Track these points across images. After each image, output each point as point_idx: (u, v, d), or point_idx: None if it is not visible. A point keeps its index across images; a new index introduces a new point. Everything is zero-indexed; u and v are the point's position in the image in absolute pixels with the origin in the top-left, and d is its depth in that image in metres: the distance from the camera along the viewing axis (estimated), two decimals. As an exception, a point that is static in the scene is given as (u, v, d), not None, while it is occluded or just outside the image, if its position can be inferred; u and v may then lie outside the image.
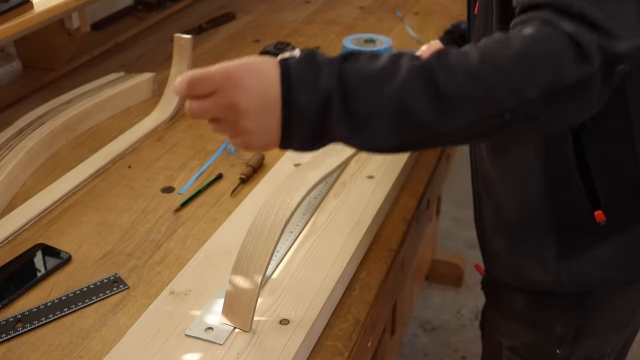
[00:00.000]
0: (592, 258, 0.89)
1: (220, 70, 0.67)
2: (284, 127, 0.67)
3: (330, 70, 0.66)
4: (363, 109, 0.66)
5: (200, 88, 0.67)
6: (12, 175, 1.14)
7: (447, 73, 0.66)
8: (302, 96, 0.66)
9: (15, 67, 1.51)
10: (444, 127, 0.67)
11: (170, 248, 1.02)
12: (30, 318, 0.89)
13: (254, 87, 0.67)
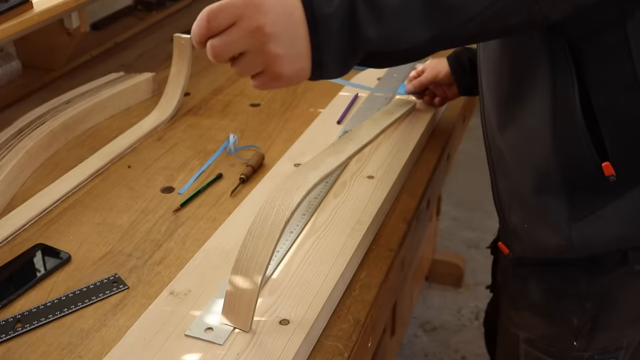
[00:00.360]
0: (602, 217, 0.88)
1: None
2: (312, 44, 0.65)
3: None
4: (390, 3, 0.64)
5: (220, 19, 0.65)
6: (11, 175, 1.14)
7: None
8: (324, 7, 0.64)
9: (14, 67, 1.51)
10: (472, 4, 0.66)
11: (170, 248, 1.02)
12: (30, 318, 0.89)
13: (276, 8, 0.64)
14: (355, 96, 1.40)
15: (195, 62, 1.58)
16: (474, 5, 0.67)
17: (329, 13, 0.63)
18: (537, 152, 0.91)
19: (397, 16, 0.65)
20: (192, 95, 1.48)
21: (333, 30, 0.64)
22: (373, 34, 0.65)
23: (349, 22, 0.64)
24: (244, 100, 1.46)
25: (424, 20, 0.66)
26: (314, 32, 0.64)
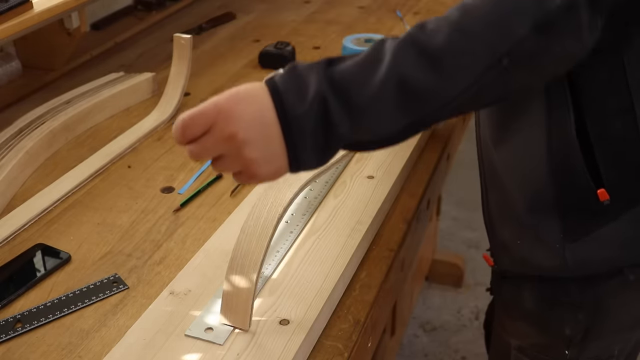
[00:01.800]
0: (597, 239, 0.88)
1: (210, 106, 0.67)
2: (287, 144, 0.66)
3: (317, 74, 0.66)
4: (361, 98, 0.65)
5: (194, 128, 0.67)
6: (11, 175, 1.14)
7: (432, 34, 0.65)
8: (296, 107, 0.65)
9: (14, 67, 1.50)
10: (447, 90, 0.66)
11: (170, 248, 1.02)
12: (30, 318, 0.89)
13: (247, 114, 0.66)
14: (355, 96, 1.40)
15: (195, 62, 1.58)
16: (449, 91, 0.66)
17: (301, 113, 0.64)
18: (531, 173, 0.90)
19: (370, 110, 0.65)
20: (192, 95, 1.48)
21: (307, 130, 0.65)
22: (346, 130, 0.66)
23: (321, 121, 0.65)
24: (244, 100, 1.46)
25: (398, 111, 0.66)
26: (287, 133, 0.65)
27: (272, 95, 0.65)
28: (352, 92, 0.65)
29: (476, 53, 0.65)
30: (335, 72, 0.66)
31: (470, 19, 0.66)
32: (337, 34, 1.80)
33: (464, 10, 0.67)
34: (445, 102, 0.67)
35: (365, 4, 2.01)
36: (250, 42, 1.76)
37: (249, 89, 0.67)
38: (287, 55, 1.60)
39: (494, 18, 0.65)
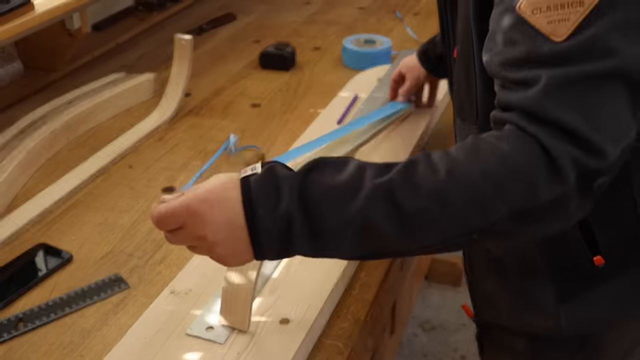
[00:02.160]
0: (593, 300, 0.84)
1: (182, 208, 0.68)
2: (254, 247, 0.68)
3: (290, 189, 0.66)
4: (326, 230, 0.66)
5: (166, 225, 0.69)
6: (13, 175, 1.15)
7: (411, 193, 0.64)
8: (265, 221, 0.66)
9: (16, 68, 1.51)
10: (408, 246, 0.68)
11: (170, 248, 1.02)
12: (32, 317, 0.89)
13: (217, 220, 0.67)
14: (355, 97, 1.41)
15: (196, 63, 1.59)
16: (412, 246, 0.68)
17: (269, 227, 0.66)
18: None
19: (332, 241, 0.67)
20: (193, 96, 1.48)
21: (273, 241, 0.67)
22: (307, 249, 0.68)
23: (286, 239, 0.67)
24: (245, 101, 1.47)
25: (359, 246, 0.67)
26: (255, 239, 0.67)
27: (244, 203, 0.67)
28: (319, 220, 0.66)
29: (449, 225, 0.65)
30: (309, 193, 0.66)
31: (453, 188, 0.64)
32: (337, 34, 1.80)
33: (452, 173, 0.64)
34: (403, 252, 0.70)
35: (365, 5, 2.02)
36: (250, 43, 1.77)
37: (221, 193, 0.68)
38: (287, 55, 1.60)
39: (476, 195, 0.64)
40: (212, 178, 0.70)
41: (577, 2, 0.62)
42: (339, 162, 0.69)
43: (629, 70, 0.63)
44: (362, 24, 1.88)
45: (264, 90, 1.51)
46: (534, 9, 0.63)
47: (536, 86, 0.63)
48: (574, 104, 0.63)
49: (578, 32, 0.62)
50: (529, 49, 0.64)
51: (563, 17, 0.62)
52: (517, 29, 0.65)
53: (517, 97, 0.65)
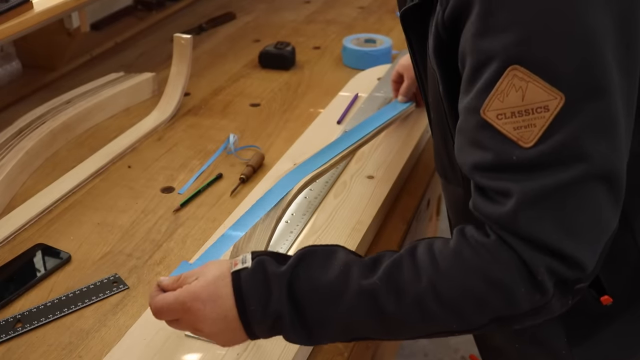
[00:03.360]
0: (605, 340, 0.83)
1: (177, 304, 0.71)
2: (248, 334, 0.71)
3: (279, 287, 0.69)
4: (314, 326, 0.70)
5: (164, 317, 0.73)
6: (11, 175, 1.14)
7: (395, 298, 0.66)
8: (257, 315, 0.69)
9: (14, 67, 1.50)
10: (393, 338, 0.73)
11: (170, 248, 1.02)
12: (30, 318, 0.89)
13: (211, 316, 0.70)
14: (355, 96, 1.41)
15: (196, 62, 1.58)
16: (390, 338, 0.73)
17: (260, 320, 0.69)
18: None
19: (319, 333, 0.70)
20: (192, 95, 1.48)
21: (265, 330, 0.71)
22: (296, 339, 0.72)
23: (277, 328, 0.70)
24: (244, 101, 1.47)
25: (345, 336, 0.72)
26: (248, 330, 0.71)
27: (236, 299, 0.69)
28: (308, 317, 0.69)
29: (430, 328, 0.69)
30: (297, 291, 0.69)
31: (435, 302, 0.65)
32: (337, 34, 1.80)
33: (432, 286, 0.66)
34: (386, 339, 0.76)
35: (365, 4, 2.02)
36: (250, 42, 1.76)
37: (213, 291, 0.70)
38: (287, 55, 1.60)
39: (458, 309, 0.65)
40: (206, 268, 0.72)
41: (542, 108, 0.61)
42: (326, 255, 0.71)
43: (603, 170, 0.62)
44: (362, 24, 1.87)
45: (264, 90, 1.51)
46: (499, 115, 0.62)
47: (509, 201, 0.63)
48: (548, 219, 0.62)
49: (546, 138, 0.61)
50: (499, 156, 0.63)
51: (529, 123, 0.61)
52: (485, 132, 0.63)
53: (492, 211, 0.64)
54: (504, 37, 0.61)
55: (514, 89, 0.61)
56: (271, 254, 0.72)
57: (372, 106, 1.35)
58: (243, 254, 0.72)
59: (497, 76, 0.61)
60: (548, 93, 0.60)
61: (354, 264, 0.69)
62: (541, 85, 0.60)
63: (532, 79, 0.60)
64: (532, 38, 0.60)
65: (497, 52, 0.61)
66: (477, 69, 0.63)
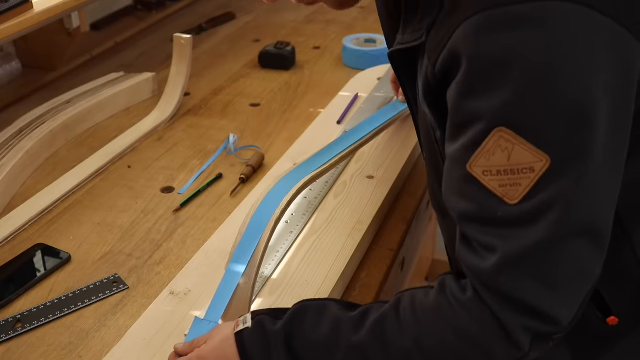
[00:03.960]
0: (611, 359, 0.82)
1: (193, 357, 0.76)
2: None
3: (277, 344, 0.72)
4: None
5: None
6: (11, 175, 1.14)
7: (383, 354, 0.69)
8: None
9: (14, 67, 1.50)
10: None
11: (170, 248, 1.02)
12: (30, 318, 0.89)
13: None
14: (355, 96, 1.40)
15: (196, 62, 1.58)
16: None
17: None
18: None
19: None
20: (192, 95, 1.48)
21: None
22: None
23: None
24: (244, 100, 1.46)
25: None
26: None
27: (241, 357, 0.74)
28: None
29: None
30: (294, 346, 0.72)
31: (418, 351, 0.68)
32: (337, 34, 1.80)
33: (415, 343, 0.68)
34: None
35: (365, 4, 2.01)
36: (250, 42, 1.76)
37: (219, 353, 0.75)
38: (287, 55, 1.60)
39: (440, 358, 0.68)
40: (214, 332, 0.78)
41: (528, 169, 0.61)
42: (318, 311, 0.73)
43: (586, 226, 0.63)
44: (362, 23, 1.87)
45: (264, 90, 1.51)
46: (485, 171, 0.62)
47: (491, 257, 0.63)
48: (528, 277, 0.63)
49: (531, 197, 0.61)
50: (483, 209, 0.63)
51: (514, 182, 0.61)
52: (470, 185, 0.64)
53: (475, 264, 0.65)
54: (490, 99, 0.60)
55: (500, 150, 0.61)
56: (269, 312, 0.76)
57: (372, 106, 1.35)
58: (244, 316, 0.76)
59: (483, 136, 0.61)
60: (534, 155, 0.60)
61: (343, 321, 0.72)
62: (527, 148, 0.60)
63: (518, 141, 0.60)
64: (518, 101, 0.60)
65: (483, 113, 0.61)
66: (462, 126, 0.63)
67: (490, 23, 0.59)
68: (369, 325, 0.70)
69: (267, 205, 0.91)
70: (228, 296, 0.83)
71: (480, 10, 0.60)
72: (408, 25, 0.72)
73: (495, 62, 0.59)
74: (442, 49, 0.63)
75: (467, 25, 0.61)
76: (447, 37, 0.63)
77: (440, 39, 0.64)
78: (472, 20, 0.60)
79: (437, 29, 0.65)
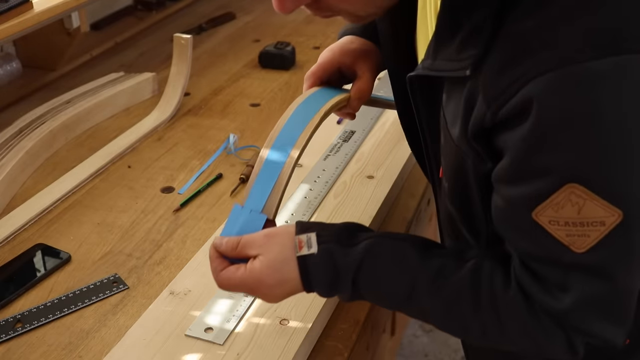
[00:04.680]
0: None
1: (244, 287, 0.74)
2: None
3: (346, 281, 0.72)
4: (369, 300, 0.76)
5: (227, 288, 0.75)
6: (11, 175, 1.14)
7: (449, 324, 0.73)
8: (321, 294, 0.75)
9: (14, 67, 1.50)
10: None
11: (170, 248, 1.02)
12: (30, 318, 0.89)
13: (276, 294, 0.75)
14: (355, 96, 1.40)
15: (196, 62, 1.58)
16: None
17: (322, 294, 0.75)
18: None
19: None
20: (192, 96, 1.48)
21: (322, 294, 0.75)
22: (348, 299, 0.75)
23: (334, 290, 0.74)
24: (244, 101, 1.46)
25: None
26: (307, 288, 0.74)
27: (304, 284, 0.73)
28: (365, 298, 0.75)
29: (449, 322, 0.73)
30: (361, 287, 0.72)
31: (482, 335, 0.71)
32: (337, 34, 1.79)
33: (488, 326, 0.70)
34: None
35: (365, 4, 2.01)
36: (250, 42, 1.76)
37: (278, 277, 0.72)
38: (287, 55, 1.60)
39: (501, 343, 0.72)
40: (268, 244, 0.73)
41: (599, 223, 0.60)
42: (393, 258, 0.72)
43: None
44: (362, 24, 1.87)
45: (264, 90, 1.51)
46: (552, 221, 0.62)
47: (563, 298, 0.65)
48: (599, 319, 0.65)
49: (598, 248, 0.61)
50: (549, 254, 0.64)
51: (583, 233, 0.61)
52: (534, 230, 0.63)
53: (546, 301, 0.66)
54: (563, 155, 0.59)
55: (570, 204, 0.60)
56: (337, 239, 0.73)
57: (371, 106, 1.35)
58: (307, 235, 0.72)
59: (553, 189, 0.60)
60: (606, 210, 0.59)
61: (418, 280, 0.71)
62: (599, 204, 0.59)
63: (590, 197, 0.59)
64: (593, 159, 0.58)
65: (554, 168, 0.60)
66: (528, 175, 0.62)
67: (571, 80, 0.57)
68: (443, 297, 0.70)
69: (313, 101, 0.88)
70: (270, 185, 0.78)
71: (560, 65, 0.58)
72: (440, 51, 0.68)
73: (572, 119, 0.58)
74: (511, 96, 0.60)
75: (545, 79, 0.58)
76: (518, 86, 0.59)
77: (507, 84, 0.60)
78: (551, 77, 0.58)
79: (499, 71, 0.61)
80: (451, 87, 0.68)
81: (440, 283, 0.70)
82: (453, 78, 0.67)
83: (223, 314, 0.86)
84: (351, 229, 0.75)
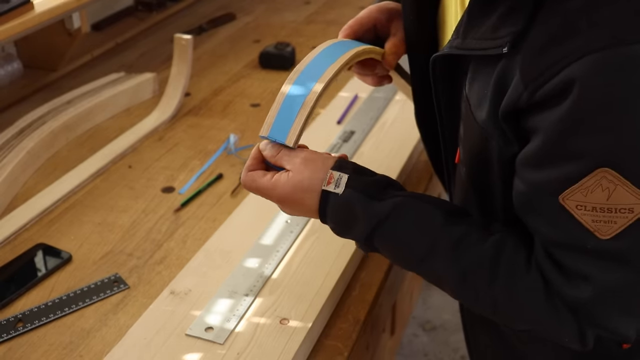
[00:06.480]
0: None
1: (265, 196, 0.77)
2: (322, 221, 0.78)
3: (363, 228, 0.73)
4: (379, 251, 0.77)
5: (253, 190, 0.78)
6: (12, 175, 1.15)
7: (466, 295, 0.72)
8: (333, 230, 0.78)
9: (15, 68, 1.51)
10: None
11: (170, 248, 1.02)
12: (31, 318, 0.89)
13: (291, 209, 0.78)
14: (355, 97, 1.41)
15: (196, 63, 1.59)
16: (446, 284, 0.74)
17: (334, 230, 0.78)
18: None
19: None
20: (193, 96, 1.48)
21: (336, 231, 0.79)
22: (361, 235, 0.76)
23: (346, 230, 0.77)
24: (244, 101, 1.47)
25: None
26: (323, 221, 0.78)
27: (320, 215, 0.76)
28: (377, 250, 0.76)
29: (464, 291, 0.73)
30: (376, 240, 0.74)
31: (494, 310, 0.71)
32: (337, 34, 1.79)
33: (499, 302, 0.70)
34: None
35: (366, 5, 2.01)
36: (250, 43, 1.77)
37: (299, 198, 0.75)
38: (287, 55, 1.60)
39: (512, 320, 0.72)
40: (303, 166, 0.75)
41: (627, 210, 0.60)
42: (419, 219, 0.72)
43: None
44: (362, 24, 1.87)
45: (264, 90, 1.51)
46: (579, 205, 0.61)
47: (584, 288, 0.64)
48: (618, 311, 0.66)
49: (624, 236, 0.61)
50: (572, 240, 0.64)
51: (610, 219, 0.61)
52: (559, 214, 0.63)
53: (565, 290, 0.66)
54: (600, 138, 0.58)
55: (601, 189, 0.60)
56: (365, 190, 0.73)
57: (372, 106, 1.35)
58: (339, 174, 0.73)
59: (584, 173, 0.59)
60: (636, 197, 0.59)
61: (439, 243, 0.71)
62: (631, 190, 0.59)
63: (621, 183, 0.59)
64: (627, 144, 0.58)
65: (588, 152, 0.59)
66: (559, 158, 0.61)
67: (616, 62, 0.57)
68: (461, 264, 0.70)
69: (345, 44, 0.87)
70: (293, 116, 0.78)
71: (607, 47, 0.57)
72: (471, 30, 0.67)
73: (612, 103, 0.57)
74: (552, 76, 0.59)
75: (589, 60, 0.57)
76: (561, 66, 0.58)
77: (549, 64, 0.59)
78: (597, 57, 0.57)
79: (540, 50, 0.60)
80: (478, 67, 0.68)
81: (461, 251, 0.70)
82: (481, 59, 0.66)
83: (223, 314, 0.87)
84: (384, 184, 0.74)
